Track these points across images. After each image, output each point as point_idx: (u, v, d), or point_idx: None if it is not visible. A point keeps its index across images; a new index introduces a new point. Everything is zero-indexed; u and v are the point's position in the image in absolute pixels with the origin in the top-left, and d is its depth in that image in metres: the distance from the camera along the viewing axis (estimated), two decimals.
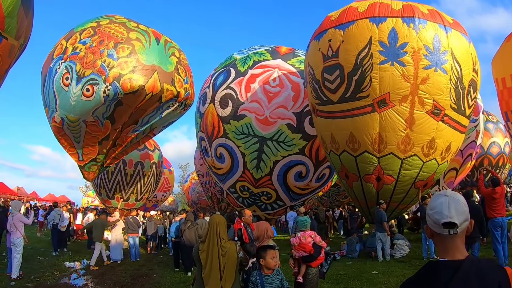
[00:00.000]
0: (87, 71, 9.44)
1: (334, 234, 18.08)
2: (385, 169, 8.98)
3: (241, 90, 11.71)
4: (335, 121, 9.40)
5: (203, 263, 3.62)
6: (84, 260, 10.55)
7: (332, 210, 19.79)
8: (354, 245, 10.77)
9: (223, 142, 12.07)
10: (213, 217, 4.05)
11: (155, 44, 9.99)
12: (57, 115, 9.88)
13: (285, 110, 11.43)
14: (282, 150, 11.51)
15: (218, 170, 12.88)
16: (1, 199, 24.83)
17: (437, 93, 8.18)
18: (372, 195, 9.56)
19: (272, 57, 12.22)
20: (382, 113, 8.44)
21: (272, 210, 13.12)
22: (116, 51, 9.53)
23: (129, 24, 10.17)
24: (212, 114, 12.15)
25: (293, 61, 12.16)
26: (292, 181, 12.03)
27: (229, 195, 13.49)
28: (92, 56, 9.49)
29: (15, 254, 8.07)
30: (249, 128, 11.51)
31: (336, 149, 9.77)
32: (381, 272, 8.30)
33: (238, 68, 12.21)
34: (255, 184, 12.20)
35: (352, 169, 9.57)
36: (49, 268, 9.13)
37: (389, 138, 8.60)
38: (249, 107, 11.52)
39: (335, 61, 8.92)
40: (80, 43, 9.72)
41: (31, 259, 10.03)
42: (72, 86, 9.50)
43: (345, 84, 8.80)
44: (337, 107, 9.18)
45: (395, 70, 8.11)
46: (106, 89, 9.39)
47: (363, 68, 8.41)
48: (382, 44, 8.15)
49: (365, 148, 8.97)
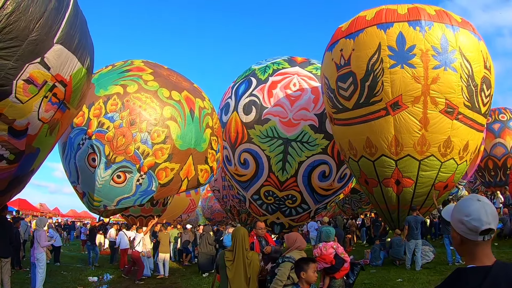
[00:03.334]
0: (119, 157, 9.82)
1: (357, 243, 18.72)
2: (403, 171, 9.81)
3: (263, 96, 13.50)
4: (352, 128, 10.45)
5: (229, 271, 4.15)
6: (107, 274, 11.39)
7: (354, 218, 20.73)
8: (378, 253, 11.31)
9: (247, 148, 13.63)
10: (239, 228, 4.64)
11: (190, 120, 10.62)
12: (79, 188, 10.34)
13: (307, 111, 13.11)
14: (306, 151, 13.04)
15: (242, 177, 14.29)
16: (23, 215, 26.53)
17: (449, 92, 9.09)
18: (393, 199, 10.32)
19: (290, 65, 14.14)
20: (396, 115, 9.41)
21: (296, 215, 14.36)
22: (151, 136, 9.94)
23: (161, 92, 10.44)
24: (236, 121, 13.86)
25: (309, 68, 14.08)
26: (316, 181, 13.43)
27: (252, 203, 14.74)
28: (124, 140, 9.82)
29: (39, 269, 9.04)
30: (273, 131, 13.14)
31: (354, 155, 10.74)
32: (406, 279, 8.85)
33: (258, 77, 14.08)
34: (280, 187, 13.58)
35: (371, 174, 10.47)
36: (73, 283, 10.07)
37: (405, 140, 9.49)
38: (272, 111, 13.25)
39: (347, 69, 10.11)
40: (106, 118, 9.91)
41: (55, 274, 10.96)
42: (100, 169, 9.83)
43: (359, 90, 9.90)
44: (353, 114, 10.25)
45: (405, 73, 9.12)
46: (140, 177, 10.02)
47: (374, 73, 9.50)
48: (391, 49, 9.23)
49: (382, 152, 9.89)
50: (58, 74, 5.32)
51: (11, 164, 5.55)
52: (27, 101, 5.06)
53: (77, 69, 5.70)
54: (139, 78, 10.51)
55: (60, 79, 5.41)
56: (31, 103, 5.15)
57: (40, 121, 5.46)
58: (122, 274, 11.59)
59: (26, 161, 5.86)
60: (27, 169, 6.14)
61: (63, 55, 5.32)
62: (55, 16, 5.08)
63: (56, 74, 5.30)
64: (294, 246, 5.06)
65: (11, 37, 4.62)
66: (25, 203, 30.47)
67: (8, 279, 7.49)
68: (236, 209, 21.59)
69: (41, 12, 4.85)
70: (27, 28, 4.74)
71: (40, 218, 11.09)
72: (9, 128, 5.12)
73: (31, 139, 5.58)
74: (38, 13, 4.82)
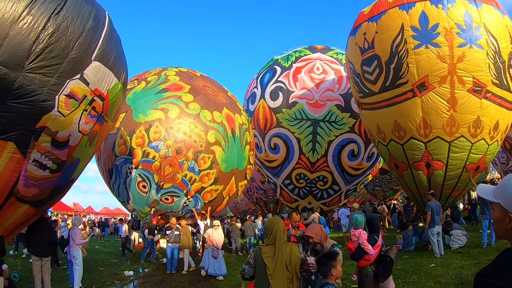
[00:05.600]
0: (167, 183, 11.14)
1: (389, 228, 19.41)
2: (434, 154, 10.32)
3: (289, 81, 14.96)
4: (379, 111, 11.02)
5: (270, 267, 3.92)
6: (142, 268, 12.54)
7: (385, 202, 21.56)
8: (410, 238, 11.75)
9: (277, 132, 15.02)
10: (277, 220, 4.37)
11: (232, 141, 11.91)
12: (130, 206, 12.06)
13: (332, 92, 14.54)
14: (334, 130, 14.45)
15: (272, 163, 15.66)
16: (58, 215, 28.70)
17: (476, 70, 9.49)
18: (424, 183, 10.87)
19: (311, 52, 15.55)
20: (423, 96, 9.91)
21: (328, 198, 15.69)
22: (198, 163, 11.13)
23: (203, 115, 11.41)
24: (264, 108, 15.34)
25: (330, 53, 15.46)
26: (346, 161, 14.78)
27: (283, 189, 16.04)
28: (171, 169, 10.99)
29: (75, 266, 9.96)
30: (301, 113, 14.55)
31: (383, 140, 11.34)
32: (439, 264, 9.29)
33: (282, 65, 15.57)
34: (311, 169, 14.89)
35: (400, 158, 11.03)
36: (110, 278, 10.97)
37: (433, 122, 10.00)
38: (299, 94, 14.71)
39: (371, 53, 10.67)
40: (151, 147, 10.87)
41: (92, 270, 12.09)
42: (152, 193, 11.27)
43: (384, 73, 10.44)
44: (379, 97, 10.83)
45: (430, 52, 9.58)
46: (187, 200, 11.56)
47: (399, 55, 9.99)
48: (414, 29, 9.69)
49: (411, 135, 10.43)
50: (96, 89, 6.24)
51: (54, 174, 6.47)
52: (68, 114, 5.98)
53: (114, 84, 6.62)
54: (179, 100, 11.40)
55: (99, 93, 6.33)
56: (72, 116, 6.06)
57: (80, 133, 6.38)
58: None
59: (67, 171, 6.77)
60: (68, 178, 7.07)
61: (101, 71, 6.22)
62: (93, 35, 5.98)
63: (95, 89, 6.22)
64: (323, 234, 5.16)
65: (52, 56, 5.53)
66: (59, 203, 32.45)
67: (48, 277, 8.43)
68: (263, 200, 22.85)
69: (79, 32, 5.75)
70: (67, 47, 5.64)
71: (76, 217, 12.24)
72: (52, 139, 6.04)
73: (72, 150, 6.49)
74: (77, 33, 5.72)
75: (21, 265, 12.85)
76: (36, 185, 6.34)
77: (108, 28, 6.42)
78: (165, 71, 12.71)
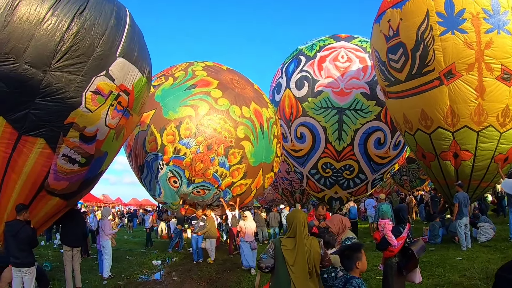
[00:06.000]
0: (198, 179, 11.64)
1: (416, 219, 19.14)
2: (461, 144, 10.19)
3: (314, 70, 15.14)
4: (406, 100, 10.92)
5: (289, 261, 3.86)
6: (169, 258, 12.82)
7: (412, 193, 21.28)
8: (437, 231, 11.62)
9: (303, 121, 15.25)
10: (298, 212, 4.28)
11: (261, 135, 12.33)
12: (161, 199, 12.52)
13: (358, 80, 14.64)
14: (360, 118, 14.58)
15: (298, 153, 15.91)
16: (88, 206, 29.89)
17: (504, 57, 9.26)
18: (451, 173, 10.75)
19: (335, 41, 15.64)
20: (450, 85, 9.76)
21: (354, 187, 15.86)
22: (228, 159, 11.59)
23: (232, 111, 11.78)
24: (289, 97, 15.59)
25: (354, 41, 15.51)
26: (372, 149, 14.92)
27: (310, 179, 16.27)
28: (202, 165, 11.43)
29: (105, 255, 10.30)
30: (327, 102, 14.76)
31: (410, 129, 11.24)
32: (465, 258, 9.20)
33: (306, 54, 15.73)
34: (338, 158, 15.11)
35: (427, 147, 10.94)
36: (138, 267, 11.35)
37: (461, 110, 9.85)
38: (324, 82, 14.90)
39: (397, 40, 10.54)
40: (182, 144, 11.26)
41: (121, 259, 12.48)
42: (183, 187, 11.80)
43: (410, 61, 10.31)
44: (406, 86, 10.71)
45: (457, 39, 9.39)
46: (217, 192, 12.08)
47: (424, 42, 9.84)
48: (440, 15, 9.51)
49: (438, 124, 10.32)
50: (122, 84, 6.51)
51: (83, 167, 6.80)
52: (95, 110, 6.27)
53: (138, 78, 6.89)
54: (208, 96, 11.73)
55: (124, 88, 6.60)
56: (99, 112, 6.35)
57: (107, 127, 6.68)
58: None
59: (95, 164, 7.10)
60: (96, 171, 7.42)
61: (126, 67, 6.50)
62: (116, 32, 6.23)
63: (120, 84, 6.49)
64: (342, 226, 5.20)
65: (78, 54, 5.81)
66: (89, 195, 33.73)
67: (78, 266, 8.79)
68: (288, 191, 23.05)
69: (103, 30, 6.01)
70: (92, 45, 5.90)
71: (105, 208, 12.71)
72: (81, 134, 6.36)
73: (100, 144, 6.80)
74: (101, 31, 5.98)
75: (52, 255, 13.43)
76: (66, 179, 6.68)
77: (130, 25, 6.67)
78: (192, 66, 12.98)
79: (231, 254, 13.22)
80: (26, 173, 6.21)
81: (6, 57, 5.40)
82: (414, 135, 11.24)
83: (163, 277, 10.17)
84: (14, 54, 5.41)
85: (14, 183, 6.25)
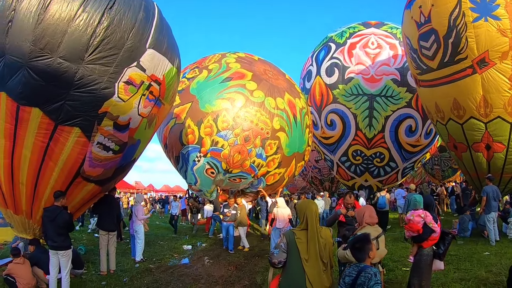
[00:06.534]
0: (235, 169, 12.11)
1: (446, 212, 19.08)
2: (494, 135, 9.97)
3: (344, 57, 15.19)
4: (438, 89, 10.75)
5: (304, 255, 3.83)
6: (200, 243, 13.27)
7: (443, 184, 21.05)
8: (467, 224, 11.46)
9: (333, 108, 15.39)
10: (309, 204, 4.14)
11: (294, 127, 12.68)
12: (196, 187, 12.99)
13: (388, 67, 14.58)
14: (391, 105, 14.54)
15: (328, 140, 16.10)
16: (121, 193, 31.09)
17: None
18: (483, 165, 10.55)
19: (365, 28, 15.64)
20: (484, 73, 9.53)
21: (385, 175, 15.86)
22: (265, 150, 12.01)
23: (268, 103, 12.09)
24: (320, 84, 15.71)
25: (385, 28, 15.45)
26: (403, 137, 14.87)
27: (340, 166, 16.43)
28: (240, 157, 11.84)
29: (137, 240, 10.69)
30: (357, 88, 14.80)
31: (442, 118, 11.08)
32: (493, 253, 9.11)
33: (336, 41, 15.80)
34: (368, 145, 15.17)
35: (459, 138, 10.77)
36: (169, 251, 11.74)
37: (494, 100, 9.63)
38: (355, 69, 14.93)
39: (428, 27, 10.34)
40: (219, 136, 11.62)
41: (153, 244, 13.00)
42: (219, 177, 12.29)
43: (442, 48, 10.12)
44: (438, 74, 10.53)
45: (490, 26, 9.14)
46: (253, 180, 12.57)
47: (457, 28, 9.62)
48: (472, 1, 9.28)
49: (471, 114, 10.11)
50: (153, 74, 6.85)
51: (117, 154, 7.18)
52: (128, 99, 6.60)
53: (169, 69, 7.23)
54: (243, 89, 12.06)
55: (155, 78, 6.94)
56: (132, 101, 6.69)
57: (140, 116, 7.03)
58: None
59: (128, 151, 7.47)
60: (129, 158, 7.80)
61: (156, 58, 6.82)
62: (145, 25, 6.53)
63: (151, 74, 6.82)
64: (364, 221, 5.19)
65: (109, 47, 6.14)
66: (122, 182, 34.86)
67: (114, 250, 9.24)
68: (318, 179, 23.12)
69: (132, 23, 6.31)
70: (122, 38, 6.21)
71: (138, 194, 13.20)
72: (114, 123, 6.72)
73: (133, 132, 7.16)
74: (130, 24, 6.28)
75: (86, 239, 14.08)
76: (101, 165, 7.08)
77: (158, 18, 6.95)
78: (225, 58, 13.25)
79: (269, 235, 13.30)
80: (62, 161, 6.62)
81: (42, 52, 5.78)
82: (446, 125, 11.07)
83: (193, 262, 10.46)
84: (49, 49, 5.78)
85: (52, 171, 6.67)
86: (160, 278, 8.62)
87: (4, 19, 5.78)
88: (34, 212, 7.16)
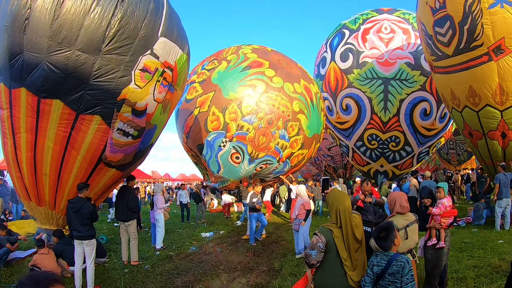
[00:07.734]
0: (261, 153, 12.84)
1: (461, 199, 19.08)
2: (510, 123, 9.95)
3: (358, 42, 15.46)
4: (453, 76, 10.71)
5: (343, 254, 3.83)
6: (218, 230, 13.64)
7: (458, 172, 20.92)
8: (481, 212, 11.52)
9: (348, 93, 15.64)
10: (342, 199, 4.05)
11: (312, 109, 13.63)
12: (219, 174, 13.45)
13: (402, 50, 14.82)
14: (405, 88, 14.74)
15: (344, 125, 16.32)
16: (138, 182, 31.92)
17: None
18: (498, 154, 10.53)
19: (378, 14, 15.91)
20: (500, 61, 9.47)
21: (400, 160, 16.04)
22: (287, 131, 12.89)
23: (287, 87, 13.03)
24: (334, 70, 15.98)
25: (397, 14, 15.72)
26: (418, 120, 15.04)
27: (356, 151, 16.65)
28: (264, 139, 12.66)
29: (158, 228, 10.96)
30: (372, 72, 15.04)
31: (457, 106, 11.06)
32: (507, 241, 9.15)
33: (350, 28, 16.06)
34: (384, 129, 15.37)
35: (475, 126, 10.74)
36: (188, 239, 12.06)
37: (510, 88, 9.58)
38: (369, 54, 15.18)
39: (443, 13, 10.27)
40: (244, 121, 12.49)
41: (172, 232, 13.46)
42: (244, 164, 12.93)
43: (457, 35, 10.05)
44: (453, 61, 10.48)
45: (506, 12, 9.06)
46: (278, 165, 13.22)
47: (472, 15, 9.55)
48: None
49: (487, 101, 10.08)
50: (165, 61, 7.24)
51: (136, 139, 7.57)
52: (144, 86, 6.99)
53: (180, 55, 7.62)
54: (263, 76, 13.02)
55: (168, 65, 7.33)
56: (148, 87, 7.08)
57: (155, 102, 7.43)
58: None
59: (146, 136, 7.85)
60: (147, 143, 8.17)
61: (168, 45, 7.21)
62: (156, 14, 6.92)
63: (164, 61, 7.21)
64: (394, 210, 4.98)
65: (124, 37, 6.52)
66: (138, 171, 35.44)
67: (134, 242, 9.19)
68: (331, 167, 23.54)
69: (144, 14, 6.69)
70: (136, 28, 6.58)
71: (157, 184, 13.61)
72: (132, 109, 7.10)
73: (150, 117, 7.54)
74: (142, 14, 6.66)
75: (106, 228, 14.68)
76: (121, 151, 7.48)
77: (167, 8, 7.34)
78: (241, 50, 14.14)
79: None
80: (85, 149, 7.01)
81: (60, 46, 6.16)
82: (461, 112, 11.05)
83: (212, 249, 10.78)
84: (67, 43, 6.17)
85: (74, 159, 7.07)
86: (180, 264, 8.95)
87: (20, 17, 6.13)
88: (57, 202, 7.55)
